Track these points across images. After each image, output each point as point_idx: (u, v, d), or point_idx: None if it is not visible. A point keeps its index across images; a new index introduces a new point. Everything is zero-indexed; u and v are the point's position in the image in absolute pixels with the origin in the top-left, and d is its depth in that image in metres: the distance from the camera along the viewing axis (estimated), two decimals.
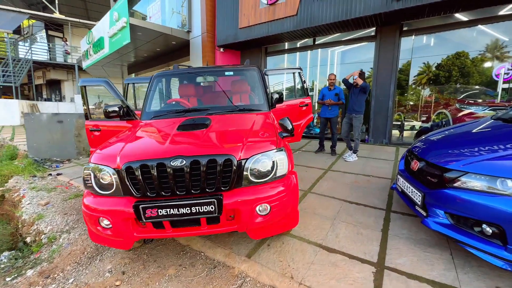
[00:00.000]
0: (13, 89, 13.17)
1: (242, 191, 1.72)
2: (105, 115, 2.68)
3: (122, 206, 1.65)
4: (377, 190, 3.31)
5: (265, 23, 6.15)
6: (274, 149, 1.83)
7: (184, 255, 2.18)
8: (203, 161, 1.64)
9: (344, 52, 6.82)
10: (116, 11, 6.97)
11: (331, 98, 4.84)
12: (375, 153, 5.11)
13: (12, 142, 7.29)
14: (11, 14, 13.33)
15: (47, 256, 2.40)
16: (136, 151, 1.77)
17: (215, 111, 2.63)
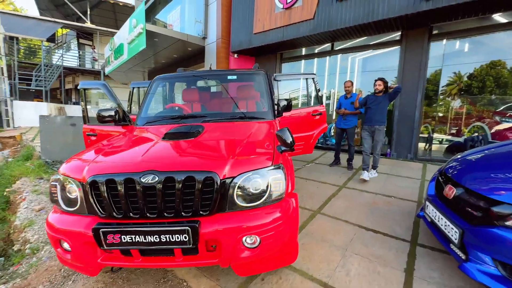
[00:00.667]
0: (43, 92, 14.01)
1: (226, 218, 1.39)
2: (98, 119, 2.52)
3: (83, 227, 1.39)
4: (400, 214, 2.83)
5: (280, 28, 5.90)
6: (269, 166, 1.50)
7: (164, 284, 1.88)
8: (179, 178, 1.34)
9: (366, 59, 6.35)
10: (134, 17, 7.11)
11: (347, 107, 4.41)
12: (398, 169, 4.56)
13: (33, 143, 7.57)
14: (46, 23, 14.36)
15: (24, 270, 2.21)
16: (106, 163, 1.52)
17: (212, 118, 2.36)
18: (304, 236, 2.39)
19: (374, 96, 3.88)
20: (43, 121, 5.49)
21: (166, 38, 7.47)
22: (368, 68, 6.33)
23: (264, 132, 2.02)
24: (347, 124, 4.49)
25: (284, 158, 1.71)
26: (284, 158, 1.72)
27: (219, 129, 2.11)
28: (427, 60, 4.83)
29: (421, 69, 4.82)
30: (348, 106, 4.41)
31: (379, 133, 3.82)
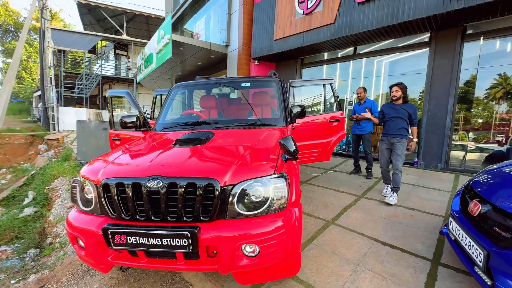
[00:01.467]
0: (84, 99, 15.40)
1: (225, 225, 1.41)
2: (121, 125, 2.70)
3: (95, 227, 1.49)
4: (423, 230, 2.61)
5: (300, 34, 5.87)
6: (272, 174, 1.49)
7: (171, 285, 1.94)
8: (181, 183, 1.39)
9: (393, 63, 6.05)
10: (162, 29, 7.56)
11: (360, 114, 4.20)
12: (425, 180, 4.23)
13: (71, 145, 8.33)
14: (88, 37, 15.86)
15: (52, 262, 2.43)
16: (118, 167, 1.62)
17: (224, 125, 2.41)
18: (314, 247, 2.31)
19: (391, 105, 3.39)
20: (80, 126, 6.04)
21: (190, 47, 7.83)
22: (395, 72, 6.02)
23: (272, 139, 2.01)
24: (362, 130, 4.34)
25: (289, 167, 1.68)
26: (289, 166, 1.69)
27: (228, 135, 2.15)
28: (460, 62, 4.46)
29: (453, 72, 4.46)
30: (362, 111, 4.19)
31: (400, 146, 3.25)
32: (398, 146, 3.29)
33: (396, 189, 3.32)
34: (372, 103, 4.37)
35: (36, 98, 25.05)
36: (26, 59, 35.58)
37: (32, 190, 5.95)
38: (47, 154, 9.78)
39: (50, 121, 13.26)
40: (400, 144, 3.29)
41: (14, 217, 4.73)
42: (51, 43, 13.39)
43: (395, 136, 3.31)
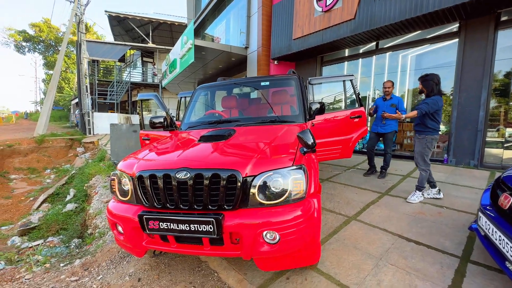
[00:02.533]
0: (115, 105, 16.53)
1: (247, 213, 1.51)
2: (150, 125, 2.93)
3: (132, 214, 1.67)
4: (452, 227, 2.51)
5: (319, 31, 5.84)
6: (289, 166, 1.56)
7: (198, 272, 2.08)
8: (207, 175, 1.52)
9: (419, 56, 5.79)
10: (185, 35, 7.93)
11: (386, 111, 3.88)
12: (456, 177, 4.00)
13: (105, 147, 9.01)
14: (118, 47, 17.03)
15: (93, 250, 2.70)
16: (150, 161, 1.80)
17: (245, 123, 2.53)
18: (334, 242, 2.33)
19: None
20: (113, 129, 6.54)
21: (212, 51, 8.11)
22: (421, 66, 5.75)
23: (291, 135, 2.08)
24: (385, 128, 4.01)
25: (307, 160, 1.74)
26: (307, 159, 1.75)
27: (249, 132, 2.25)
28: (494, 52, 4.16)
29: (486, 63, 4.17)
30: (388, 109, 3.94)
31: (418, 143, 3.13)
32: (416, 143, 3.17)
33: (419, 188, 3.18)
34: (398, 100, 4.01)
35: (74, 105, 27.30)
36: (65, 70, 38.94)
37: (72, 188, 6.57)
38: (84, 156, 10.68)
39: (86, 125, 14.43)
40: (418, 141, 3.14)
41: (59, 212, 5.27)
42: (86, 54, 14.59)
43: (416, 132, 3.19)
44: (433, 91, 3.02)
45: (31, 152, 11.23)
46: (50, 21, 36.48)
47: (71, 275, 2.25)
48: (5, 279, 2.25)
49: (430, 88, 3.03)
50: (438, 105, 2.96)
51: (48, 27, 36.26)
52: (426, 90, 3.06)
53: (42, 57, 39.10)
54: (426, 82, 3.05)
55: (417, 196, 3.16)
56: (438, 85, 3.02)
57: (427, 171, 3.12)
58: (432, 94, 3.02)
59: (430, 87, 3.02)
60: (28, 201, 7.05)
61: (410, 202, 3.14)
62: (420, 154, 3.11)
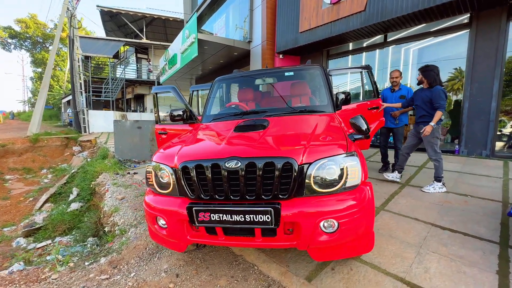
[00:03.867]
0: (110, 102, 16.14)
1: (304, 202, 1.45)
2: (170, 118, 2.83)
3: (177, 206, 1.59)
4: (482, 215, 2.52)
5: (327, 24, 5.79)
6: (344, 153, 1.51)
7: (236, 266, 2.02)
8: (260, 163, 1.45)
9: (423, 49, 5.82)
10: (187, 29, 7.76)
11: (394, 102, 3.77)
12: (471, 167, 4.05)
13: (106, 145, 8.79)
14: (112, 43, 16.59)
15: (117, 247, 2.60)
16: (193, 151, 1.72)
17: (274, 113, 2.45)
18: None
19: (419, 90, 3.27)
20: (116, 125, 6.36)
21: (214, 45, 7.97)
22: (427, 59, 5.79)
23: (329, 124, 2.03)
24: (395, 123, 3.83)
25: (356, 147, 1.70)
26: (356, 146, 1.71)
27: (284, 122, 2.19)
28: (506, 43, 4.20)
29: (498, 53, 4.21)
30: (397, 101, 3.77)
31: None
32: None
33: (437, 179, 3.17)
34: (408, 90, 3.81)
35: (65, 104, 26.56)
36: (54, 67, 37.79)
37: (75, 187, 6.38)
38: (82, 154, 10.40)
39: (81, 124, 14.04)
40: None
41: (64, 211, 5.10)
42: (79, 50, 14.14)
43: (420, 124, 3.22)
44: (435, 81, 3.06)
45: (25, 152, 10.85)
46: (37, 16, 35.22)
47: (100, 273, 2.16)
48: (31, 280, 2.14)
49: (432, 79, 3.06)
50: (446, 95, 3.03)
51: (35, 23, 35.00)
52: (427, 80, 3.10)
53: (29, 54, 37.80)
54: (427, 72, 3.09)
55: (434, 187, 3.17)
56: (438, 75, 3.08)
57: (440, 160, 3.14)
58: (435, 84, 3.06)
59: (432, 77, 3.06)
60: (27, 201, 6.80)
61: (425, 191, 3.16)
62: (430, 144, 3.14)
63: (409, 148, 3.42)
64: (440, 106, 3.00)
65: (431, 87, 3.07)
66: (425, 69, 3.12)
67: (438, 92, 3.00)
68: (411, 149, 3.43)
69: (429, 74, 3.08)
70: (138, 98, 23.06)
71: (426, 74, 3.10)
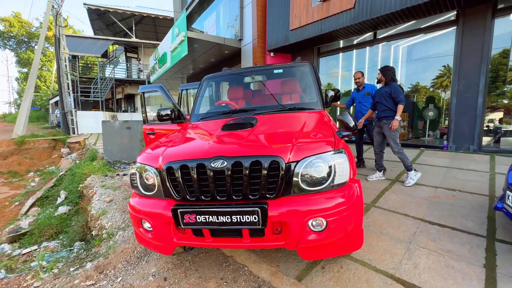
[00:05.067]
0: (100, 102, 15.80)
1: (292, 200, 1.43)
2: (158, 118, 2.75)
3: (162, 209, 1.54)
4: (469, 209, 2.55)
5: (317, 22, 5.78)
6: (331, 150, 1.49)
7: (226, 268, 1.99)
8: (246, 163, 1.42)
9: (413, 47, 5.90)
10: (177, 27, 7.63)
11: (361, 100, 4.05)
12: (459, 162, 4.11)
13: (95, 146, 8.58)
14: (100, 41, 16.20)
15: (104, 251, 2.53)
16: (178, 151, 1.67)
17: (263, 111, 2.43)
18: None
19: (379, 89, 3.53)
20: (105, 126, 6.20)
21: (205, 43, 7.85)
22: (416, 56, 5.86)
23: (318, 121, 2.01)
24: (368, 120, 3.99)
25: (344, 144, 1.68)
26: (344, 143, 1.69)
27: (272, 119, 2.16)
28: (491, 39, 4.28)
29: (484, 50, 4.29)
30: (363, 98, 4.05)
31: (387, 128, 3.37)
32: (385, 129, 3.41)
33: (408, 168, 3.35)
34: (371, 87, 4.05)
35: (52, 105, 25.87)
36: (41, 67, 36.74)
37: (63, 190, 6.20)
38: (70, 156, 10.13)
39: (70, 125, 13.69)
40: (386, 126, 3.39)
41: (51, 215, 4.95)
42: (66, 49, 13.76)
43: (382, 119, 3.43)
44: (392, 80, 3.36)
45: (11, 155, 10.52)
46: (21, 14, 34.12)
47: (86, 279, 2.09)
48: None
49: (389, 77, 3.36)
50: (403, 90, 3.33)
51: (19, 21, 33.90)
52: (385, 79, 3.38)
53: (14, 54, 36.62)
54: (386, 72, 3.38)
55: (411, 178, 3.30)
56: (395, 75, 3.40)
57: (402, 151, 3.32)
58: (391, 82, 3.35)
59: (389, 76, 3.36)
60: (13, 206, 6.57)
61: (407, 186, 3.27)
62: (392, 138, 3.35)
63: (380, 146, 3.60)
64: (400, 100, 3.24)
65: (389, 85, 3.37)
66: (384, 69, 3.42)
67: (396, 87, 3.29)
68: (382, 146, 3.61)
69: (387, 73, 3.38)
70: (128, 98, 22.64)
71: (385, 73, 3.39)
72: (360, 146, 4.27)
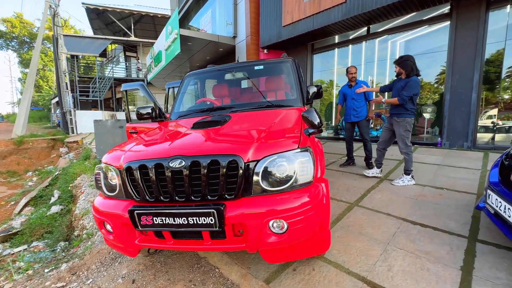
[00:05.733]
0: (99, 102, 15.84)
1: (251, 201, 1.37)
2: (137, 116, 2.71)
3: (121, 210, 1.49)
4: (454, 208, 2.47)
5: (309, 17, 5.68)
6: (295, 149, 1.43)
7: (197, 269, 1.94)
8: (204, 162, 1.36)
9: (409, 42, 5.77)
10: (170, 25, 7.57)
11: (354, 97, 3.82)
12: (452, 159, 4.01)
13: (90, 146, 8.60)
14: (99, 41, 16.22)
15: (81, 252, 2.50)
16: (139, 151, 1.62)
17: (240, 108, 2.37)
18: (339, 229, 2.24)
19: (396, 81, 3.21)
20: (97, 125, 6.19)
21: (198, 41, 7.79)
22: (412, 52, 5.72)
23: (291, 118, 1.94)
24: (358, 116, 3.85)
25: (312, 142, 1.62)
26: (312, 141, 1.62)
27: (246, 117, 2.10)
28: (486, 33, 4.15)
29: (478, 44, 4.16)
30: (356, 94, 3.80)
31: (397, 126, 3.09)
32: (395, 126, 3.14)
33: (407, 171, 3.16)
34: (363, 84, 3.82)
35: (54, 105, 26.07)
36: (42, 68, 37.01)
37: (57, 190, 6.21)
38: (68, 156, 10.18)
39: (69, 125, 13.76)
40: (396, 124, 3.11)
41: (43, 215, 4.95)
42: (64, 49, 13.80)
43: (393, 116, 3.15)
44: (412, 71, 2.97)
45: (9, 155, 10.59)
46: (23, 15, 34.33)
47: (57, 281, 2.06)
48: None
49: (409, 68, 2.99)
50: (418, 87, 2.97)
51: (21, 22, 34.13)
52: (405, 70, 3.02)
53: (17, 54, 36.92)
54: (404, 62, 3.01)
55: (403, 180, 3.15)
56: (415, 64, 3.00)
57: (410, 153, 3.11)
58: (412, 74, 2.99)
59: (408, 66, 2.99)
60: (9, 205, 6.61)
61: (395, 185, 3.15)
62: (401, 137, 3.10)
63: (385, 143, 3.36)
64: (402, 96, 2.95)
65: (409, 77, 3.00)
66: (400, 60, 3.04)
67: (411, 83, 2.94)
68: (386, 144, 3.36)
69: (406, 64, 2.98)
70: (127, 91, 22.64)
71: (403, 64, 3.01)
72: (350, 144, 4.14)
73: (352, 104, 3.90)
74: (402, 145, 3.11)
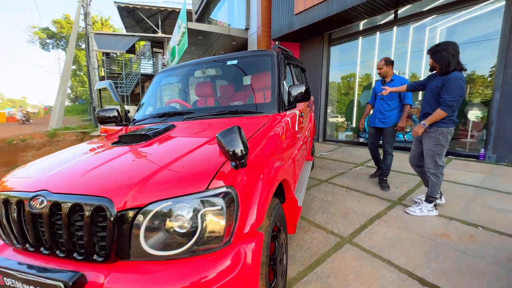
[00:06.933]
0: (125, 97, 16.57)
1: (126, 269, 0.90)
2: (98, 120, 2.38)
3: None
4: (491, 263, 1.72)
5: (324, 2, 4.91)
6: (204, 190, 0.92)
7: None
8: (66, 205, 0.93)
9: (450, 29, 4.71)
10: (180, 18, 7.31)
11: (384, 97, 2.97)
12: (497, 179, 3.08)
13: None
14: (126, 38, 16.89)
15: None
16: (18, 178, 1.23)
17: (197, 115, 1.91)
18: (314, 279, 1.67)
19: (432, 75, 2.38)
20: None
21: (209, 35, 7.43)
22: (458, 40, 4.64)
23: None
24: (385, 122, 3.06)
25: (249, 174, 1.08)
26: (250, 173, 1.09)
27: (189, 129, 1.63)
28: None
29: None
30: (389, 95, 2.90)
31: (428, 138, 2.31)
32: (425, 139, 2.35)
33: (429, 200, 2.38)
34: (402, 80, 2.96)
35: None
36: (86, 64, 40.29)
37: None
38: None
39: None
40: (427, 135, 2.31)
41: None
42: (94, 46, 14.54)
43: (421, 123, 2.30)
44: (449, 66, 2.13)
45: (43, 146, 11.49)
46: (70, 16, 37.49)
47: None
48: None
49: (444, 62, 2.14)
50: (463, 87, 2.10)
51: (68, 23, 37.32)
52: (439, 65, 2.19)
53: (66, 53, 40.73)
54: (438, 54, 2.17)
55: (422, 209, 2.39)
56: (455, 56, 2.12)
57: (440, 176, 2.31)
58: (451, 70, 2.13)
59: (444, 60, 2.14)
60: None
61: (409, 213, 2.41)
62: (431, 154, 2.29)
63: (417, 159, 2.53)
64: (445, 101, 2.12)
65: (446, 74, 2.17)
66: (435, 49, 2.21)
67: (452, 81, 2.10)
68: (420, 159, 2.51)
69: (441, 56, 2.16)
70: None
71: (437, 56, 2.19)
72: (375, 151, 3.32)
73: (379, 105, 3.10)
74: (430, 163, 2.31)
